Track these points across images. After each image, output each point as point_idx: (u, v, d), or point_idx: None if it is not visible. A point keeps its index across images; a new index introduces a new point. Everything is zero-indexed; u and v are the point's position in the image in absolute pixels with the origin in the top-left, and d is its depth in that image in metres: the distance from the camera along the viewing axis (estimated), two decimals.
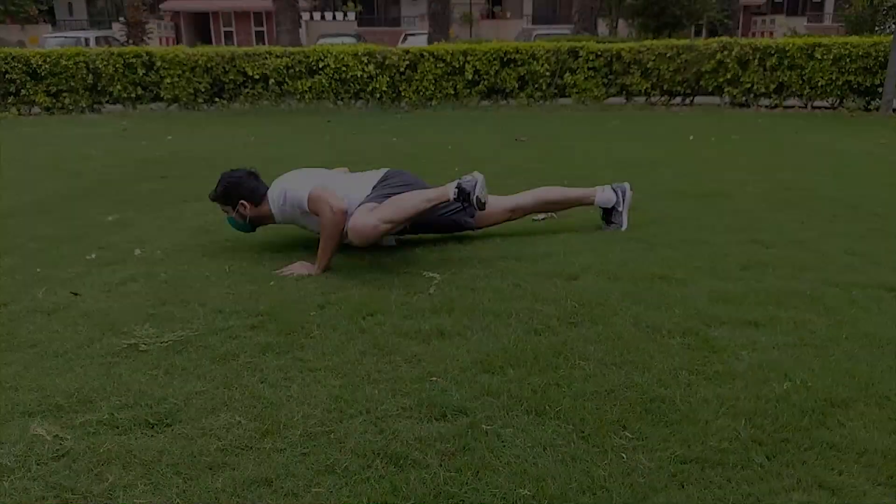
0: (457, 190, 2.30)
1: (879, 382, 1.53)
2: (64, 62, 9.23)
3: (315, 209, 2.37)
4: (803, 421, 1.39)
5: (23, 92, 9.32)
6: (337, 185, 2.49)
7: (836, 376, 1.56)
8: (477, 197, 2.28)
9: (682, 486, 1.20)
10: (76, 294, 2.19)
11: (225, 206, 2.59)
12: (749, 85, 9.01)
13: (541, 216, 3.15)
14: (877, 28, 16.75)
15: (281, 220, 2.59)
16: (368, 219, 2.29)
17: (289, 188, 2.48)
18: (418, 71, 9.41)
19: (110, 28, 24.06)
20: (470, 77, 9.40)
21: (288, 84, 9.48)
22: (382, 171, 2.63)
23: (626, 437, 1.34)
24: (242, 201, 2.54)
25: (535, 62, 9.35)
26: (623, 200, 2.84)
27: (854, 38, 8.78)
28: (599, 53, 9.32)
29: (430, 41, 13.60)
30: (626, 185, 2.87)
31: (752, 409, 1.42)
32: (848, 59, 8.53)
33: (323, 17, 27.24)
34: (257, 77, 9.43)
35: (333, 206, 2.31)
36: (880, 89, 8.47)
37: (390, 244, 2.63)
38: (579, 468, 1.25)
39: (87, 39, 17.78)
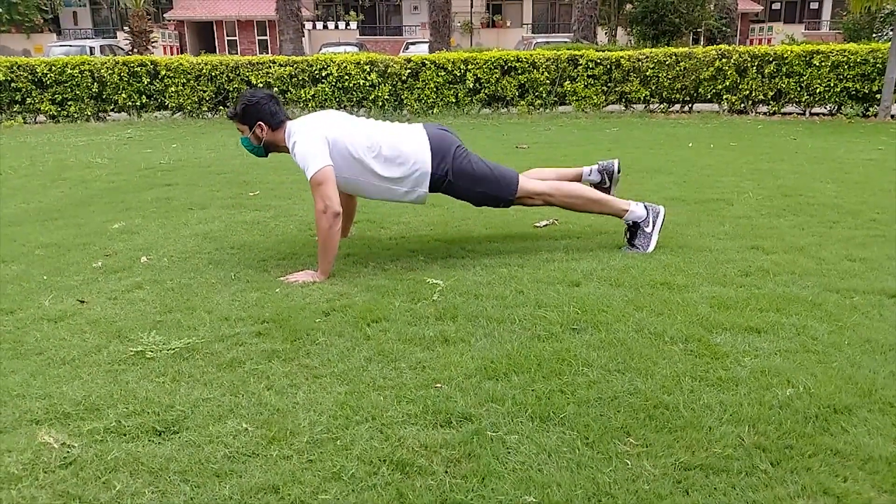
0: (646, 210, 2.64)
1: (882, 389, 1.54)
2: (69, 71, 9.29)
3: (313, 194, 2.34)
4: (807, 427, 1.39)
5: (28, 100, 9.37)
6: (377, 135, 2.45)
7: (839, 383, 1.57)
8: (652, 233, 2.63)
9: (687, 493, 1.21)
10: (83, 301, 2.20)
11: (242, 125, 2.55)
12: (747, 92, 9.04)
13: (543, 222, 3.17)
14: (874, 35, 16.83)
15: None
16: (538, 186, 2.61)
17: (300, 148, 2.38)
18: (420, 79, 9.46)
19: (115, 37, 24.21)
20: (471, 85, 9.45)
21: (291, 92, 9.53)
22: (418, 125, 2.61)
23: (630, 444, 1.35)
24: (260, 122, 2.51)
25: (535, 70, 9.40)
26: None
27: (852, 46, 8.82)
28: (599, 61, 9.36)
29: (431, 50, 13.67)
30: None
31: (755, 416, 1.43)
32: (846, 66, 8.57)
33: (325, 27, 27.38)
34: (261, 85, 9.48)
35: (328, 208, 2.30)
36: (878, 96, 8.51)
37: (420, 201, 2.60)
38: (584, 475, 1.26)
39: (91, 48, 17.87)
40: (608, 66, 9.37)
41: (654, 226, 2.65)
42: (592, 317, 1.97)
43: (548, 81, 9.45)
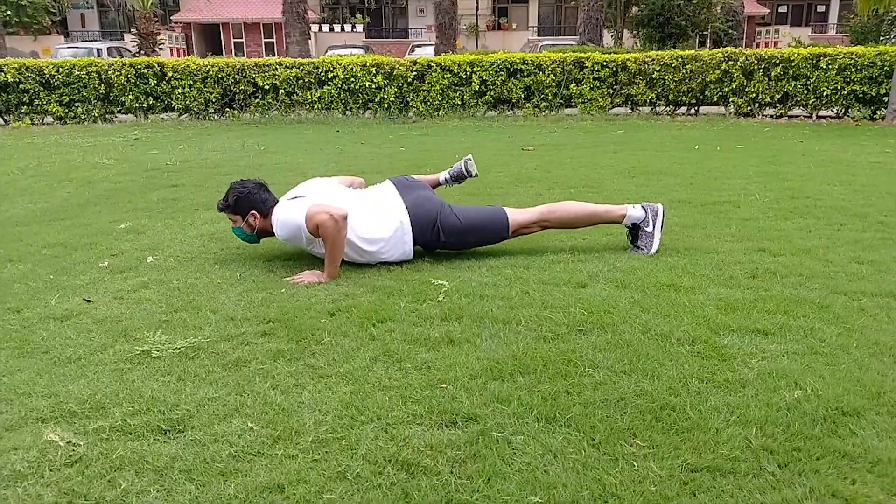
0: (644, 210, 2.62)
1: (891, 391, 1.53)
2: (77, 73, 9.35)
3: (316, 221, 2.32)
4: (815, 430, 1.38)
5: (36, 102, 9.44)
6: (356, 219, 2.44)
7: (847, 385, 1.55)
8: (652, 234, 2.63)
9: (694, 495, 1.20)
10: (89, 301, 2.21)
11: (234, 215, 2.59)
12: (754, 94, 9.02)
13: None
14: (881, 38, 16.76)
15: (284, 240, 2.56)
16: (530, 216, 2.62)
17: (281, 217, 2.42)
18: (426, 81, 9.48)
19: (122, 39, 24.36)
20: (477, 87, 9.46)
21: (297, 94, 9.56)
22: (387, 183, 2.65)
23: (636, 445, 1.34)
24: (253, 212, 2.55)
25: (540, 73, 9.41)
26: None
27: (859, 48, 8.79)
28: (605, 64, 9.36)
29: (436, 52, 13.69)
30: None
31: (762, 418, 1.42)
32: (853, 69, 8.54)
33: (332, 29, 27.47)
34: (267, 87, 9.52)
35: (333, 213, 2.30)
36: (886, 99, 8.47)
37: (407, 258, 2.58)
38: (590, 476, 1.25)
39: (99, 50, 18.00)
40: (614, 69, 9.37)
41: (654, 225, 2.64)
42: (598, 318, 1.96)
43: (553, 84, 9.44)
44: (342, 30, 27.48)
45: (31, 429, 1.44)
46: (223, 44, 26.83)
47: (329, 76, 9.48)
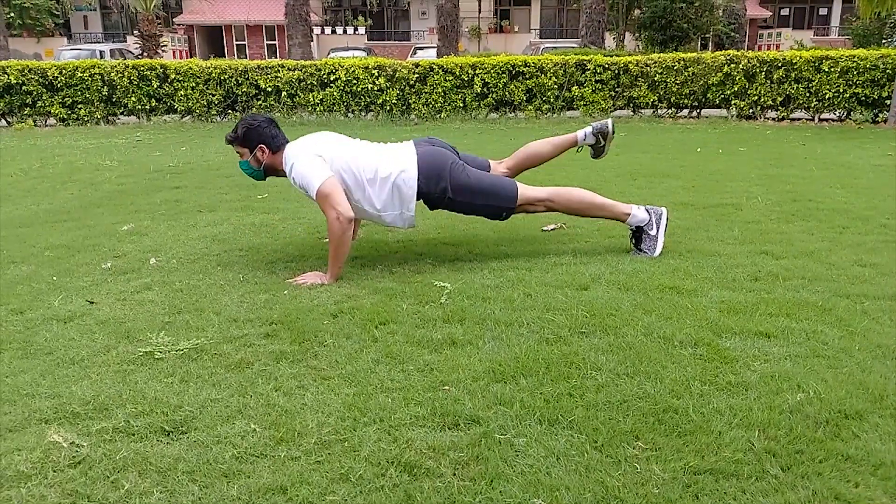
0: (648, 213, 2.63)
1: (893, 394, 1.53)
2: (79, 74, 9.38)
3: (322, 208, 2.34)
4: (817, 432, 1.38)
5: (39, 104, 9.47)
6: (366, 158, 2.45)
7: (850, 388, 1.55)
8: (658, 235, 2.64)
9: (697, 498, 1.20)
10: (92, 302, 2.22)
11: (242, 148, 2.55)
12: (756, 97, 9.02)
13: (550, 226, 3.17)
14: (884, 41, 16.75)
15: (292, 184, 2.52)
16: (538, 193, 2.61)
17: (300, 168, 2.39)
18: (428, 84, 9.49)
19: (125, 41, 24.42)
20: (479, 90, 9.47)
21: (300, 97, 9.58)
22: (409, 143, 2.61)
23: (639, 448, 1.34)
24: (261, 145, 2.52)
25: (542, 75, 9.41)
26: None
27: (861, 51, 8.78)
28: (607, 66, 9.36)
29: (439, 55, 13.71)
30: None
31: (765, 421, 1.42)
32: (855, 72, 8.53)
33: (334, 32, 27.54)
34: (270, 90, 9.54)
35: (341, 214, 2.30)
36: (888, 102, 8.46)
37: (411, 225, 2.59)
38: (593, 478, 1.25)
39: (102, 52, 18.08)
40: (616, 71, 9.37)
41: (657, 228, 2.64)
42: (601, 320, 1.96)
43: (556, 86, 9.45)
44: (344, 32, 27.54)
45: (34, 430, 1.44)
46: (225, 46, 26.90)
47: (331, 78, 9.50)
